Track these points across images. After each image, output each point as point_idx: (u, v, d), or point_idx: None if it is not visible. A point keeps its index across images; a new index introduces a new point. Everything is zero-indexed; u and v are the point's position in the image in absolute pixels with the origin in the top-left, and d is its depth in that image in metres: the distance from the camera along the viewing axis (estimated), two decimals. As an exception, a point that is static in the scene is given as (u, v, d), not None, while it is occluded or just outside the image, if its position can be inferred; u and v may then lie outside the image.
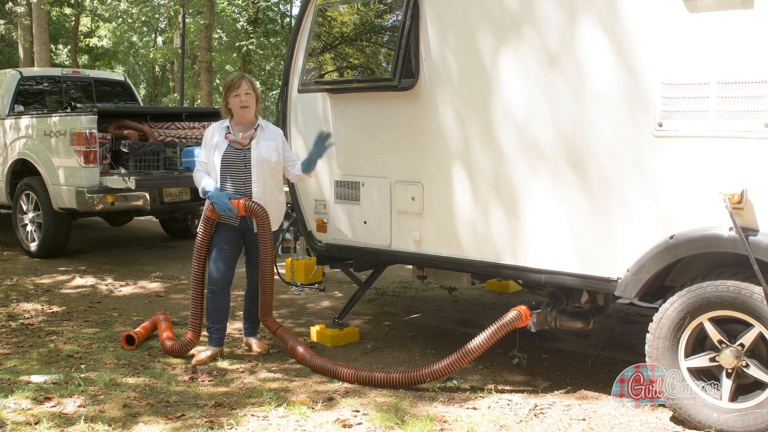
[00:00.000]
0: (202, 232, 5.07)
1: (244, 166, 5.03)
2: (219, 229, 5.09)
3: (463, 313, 6.43)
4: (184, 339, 5.17)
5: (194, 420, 4.00)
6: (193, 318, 5.16)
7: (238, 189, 5.02)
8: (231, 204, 4.90)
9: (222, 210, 4.92)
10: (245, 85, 5.04)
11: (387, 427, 3.93)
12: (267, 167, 5.04)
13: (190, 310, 5.19)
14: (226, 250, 5.09)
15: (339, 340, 5.52)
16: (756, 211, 3.65)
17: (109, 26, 30.28)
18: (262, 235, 5.01)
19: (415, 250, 5.01)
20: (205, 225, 5.06)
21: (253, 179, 5.01)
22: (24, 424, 3.88)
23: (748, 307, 3.67)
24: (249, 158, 5.02)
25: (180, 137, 9.59)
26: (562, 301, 4.65)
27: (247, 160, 5.02)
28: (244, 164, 5.03)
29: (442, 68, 4.74)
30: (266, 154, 5.03)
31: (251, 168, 5.01)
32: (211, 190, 4.96)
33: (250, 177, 5.02)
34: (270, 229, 5.04)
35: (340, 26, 5.36)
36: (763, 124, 3.58)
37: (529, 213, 4.42)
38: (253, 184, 5.02)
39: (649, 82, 3.90)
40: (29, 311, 6.38)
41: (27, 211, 9.08)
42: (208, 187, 4.98)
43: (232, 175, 5.03)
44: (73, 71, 11.65)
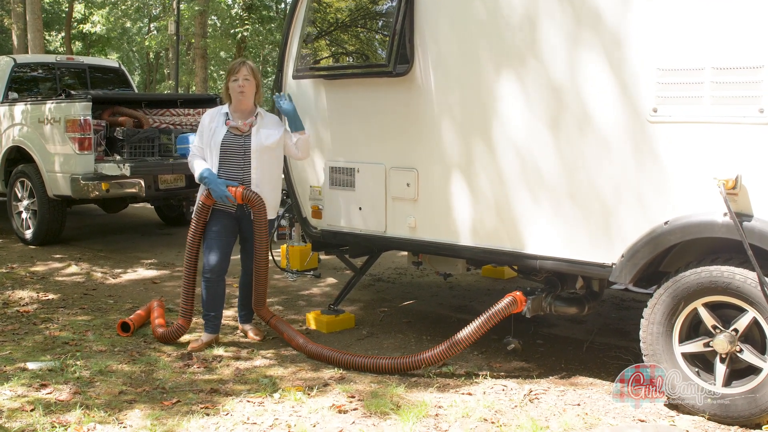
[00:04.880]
0: (196, 219, 5.05)
1: (243, 152, 5.00)
2: (214, 216, 5.07)
3: (458, 299, 6.45)
4: (174, 325, 5.17)
5: (190, 406, 4.01)
6: (184, 304, 5.15)
7: (236, 176, 5.00)
8: (228, 191, 4.89)
9: (219, 197, 4.90)
10: (245, 71, 5.02)
11: (382, 412, 3.94)
12: (266, 155, 5.03)
13: (182, 296, 5.18)
14: (222, 238, 5.08)
15: (334, 326, 5.53)
16: (750, 197, 3.65)
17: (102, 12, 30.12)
18: (258, 224, 5.00)
19: (410, 236, 5.01)
20: (200, 211, 5.04)
21: (252, 166, 4.99)
22: (19, 410, 3.88)
23: (742, 292, 3.68)
24: (249, 145, 5.00)
25: (175, 124, 9.57)
26: (557, 286, 4.67)
27: (247, 147, 5.00)
28: (243, 151, 5.00)
29: (437, 54, 4.72)
30: (266, 142, 5.02)
31: (251, 155, 5.00)
32: (208, 176, 4.94)
33: (249, 164, 5.00)
34: (266, 218, 5.02)
35: (334, 12, 5.33)
36: (758, 109, 3.57)
37: (524, 198, 4.42)
38: (252, 172, 4.99)
39: (643, 68, 3.89)
40: (24, 299, 6.38)
41: (22, 199, 9.05)
42: (204, 173, 4.96)
43: (231, 162, 5.01)
44: (67, 58, 11.58)
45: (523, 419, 3.86)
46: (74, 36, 34.19)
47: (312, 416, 3.90)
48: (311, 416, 3.90)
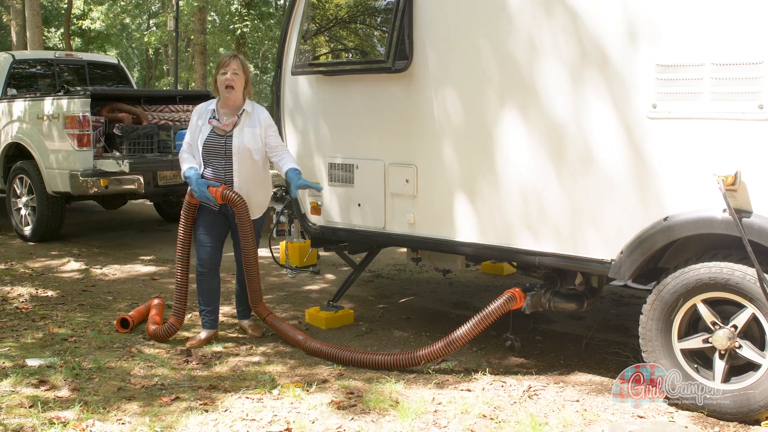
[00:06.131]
0: (184, 217, 5.06)
1: (224, 153, 4.93)
2: (202, 212, 5.05)
3: (457, 296, 6.45)
4: (167, 323, 5.16)
5: (189, 403, 4.01)
6: (177, 302, 5.14)
7: (219, 177, 4.94)
8: (209, 193, 4.86)
9: (200, 197, 4.88)
10: (234, 65, 4.94)
11: (381, 409, 3.94)
12: (248, 156, 4.94)
13: (175, 295, 5.18)
14: (211, 233, 5.05)
15: (333, 322, 5.52)
16: (749, 193, 3.65)
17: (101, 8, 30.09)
18: (241, 224, 4.97)
19: (409, 232, 5.00)
20: (186, 210, 5.04)
21: (234, 169, 4.93)
22: (18, 407, 3.88)
23: (741, 288, 3.68)
24: (230, 146, 4.91)
25: (174, 120, 9.55)
26: (556, 282, 4.66)
27: (228, 148, 4.92)
28: (224, 152, 4.93)
29: (436, 50, 4.71)
30: (248, 143, 4.92)
31: (232, 156, 4.93)
32: (191, 176, 4.90)
33: (231, 165, 4.93)
34: (249, 218, 4.96)
35: (333, 8, 5.32)
36: (757, 105, 3.57)
37: (523, 195, 4.41)
38: (234, 174, 4.93)
39: (643, 64, 3.88)
40: (23, 295, 6.37)
41: (21, 195, 9.05)
42: (188, 173, 4.92)
43: (213, 163, 4.95)
44: (66, 54, 11.58)
45: (522, 415, 3.86)
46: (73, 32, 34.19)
47: (311, 412, 3.90)
48: (310, 412, 3.90)
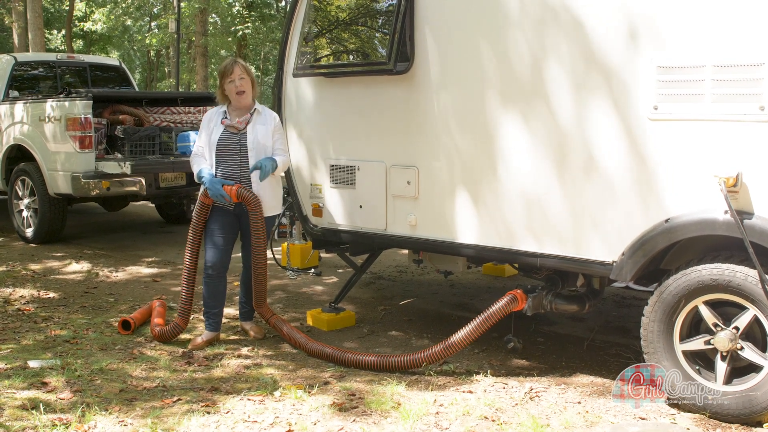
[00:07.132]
0: (196, 218, 5.06)
1: (239, 150, 5.01)
2: (214, 214, 5.08)
3: (459, 297, 6.44)
4: (171, 323, 5.17)
5: (190, 404, 4.01)
6: (183, 303, 5.15)
7: (233, 174, 5.01)
8: (224, 191, 4.89)
9: (215, 196, 4.91)
10: (238, 70, 5.02)
11: (383, 410, 3.94)
12: (263, 151, 5.03)
13: (181, 295, 5.18)
14: (222, 235, 5.08)
15: (335, 324, 5.53)
16: (751, 195, 3.65)
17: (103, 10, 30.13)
18: (255, 222, 5.00)
19: (410, 234, 5.01)
20: (199, 210, 5.05)
21: (250, 164, 5.00)
22: (20, 408, 3.88)
23: (742, 290, 3.68)
24: (245, 142, 5.01)
25: (175, 122, 9.56)
26: (557, 284, 4.66)
27: (243, 144, 5.01)
28: (239, 148, 5.01)
29: (437, 52, 4.71)
30: (262, 139, 5.02)
31: (247, 152, 5.00)
32: (205, 175, 4.96)
33: (246, 161, 5.01)
34: (262, 216, 5.01)
35: (335, 10, 5.33)
36: (759, 107, 3.57)
37: (525, 196, 4.41)
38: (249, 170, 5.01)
39: (644, 66, 3.88)
40: (25, 297, 6.38)
41: (23, 197, 9.06)
42: (203, 173, 4.98)
43: (228, 160, 5.02)
44: (67, 56, 11.58)
45: (524, 417, 3.86)
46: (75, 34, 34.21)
47: (313, 414, 3.90)
48: (312, 414, 3.90)
